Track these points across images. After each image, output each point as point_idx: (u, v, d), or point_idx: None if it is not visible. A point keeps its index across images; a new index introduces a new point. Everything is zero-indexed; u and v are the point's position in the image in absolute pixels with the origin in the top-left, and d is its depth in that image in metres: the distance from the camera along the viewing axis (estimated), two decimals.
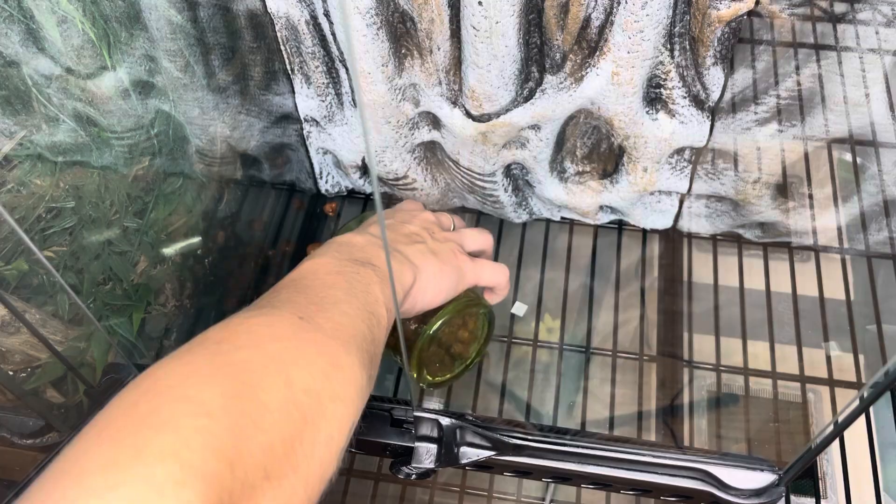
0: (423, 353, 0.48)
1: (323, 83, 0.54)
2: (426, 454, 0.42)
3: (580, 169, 0.58)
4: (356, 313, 0.34)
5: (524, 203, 0.63)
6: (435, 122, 0.55)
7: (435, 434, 0.43)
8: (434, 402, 0.58)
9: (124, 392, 0.26)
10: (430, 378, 0.51)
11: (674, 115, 0.51)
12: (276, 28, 0.50)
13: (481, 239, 0.51)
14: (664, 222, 0.62)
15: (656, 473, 0.42)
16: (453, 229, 0.50)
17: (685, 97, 0.49)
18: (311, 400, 0.29)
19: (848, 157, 0.59)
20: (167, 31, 0.44)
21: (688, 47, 0.47)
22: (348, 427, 0.31)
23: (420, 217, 0.48)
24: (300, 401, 0.28)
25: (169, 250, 0.47)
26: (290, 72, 0.54)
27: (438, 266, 0.44)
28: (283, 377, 0.28)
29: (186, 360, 0.27)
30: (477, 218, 0.66)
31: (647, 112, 0.51)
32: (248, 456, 0.25)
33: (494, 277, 0.49)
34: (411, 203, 0.53)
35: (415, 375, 0.50)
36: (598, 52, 0.48)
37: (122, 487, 0.22)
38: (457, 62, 0.49)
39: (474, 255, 0.50)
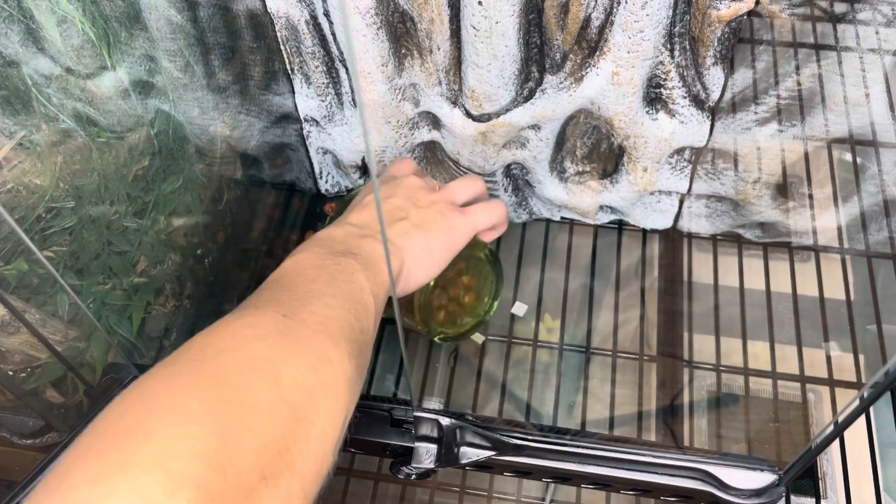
0: (425, 310, 0.48)
1: (323, 83, 0.54)
2: (426, 454, 0.42)
3: (580, 169, 0.58)
4: (341, 304, 0.34)
5: (524, 203, 0.63)
6: (435, 122, 0.55)
7: (435, 434, 0.43)
8: (434, 402, 0.58)
9: (110, 406, 0.26)
10: (448, 331, 0.51)
11: (674, 115, 0.51)
12: (276, 28, 0.50)
13: (470, 187, 0.49)
14: (664, 222, 0.62)
15: (656, 473, 0.42)
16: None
17: (685, 97, 0.49)
18: (301, 396, 0.28)
19: (848, 157, 0.59)
20: (167, 31, 0.44)
21: (688, 47, 0.47)
22: (341, 420, 0.30)
23: (403, 185, 0.46)
24: (290, 398, 0.28)
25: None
26: (290, 72, 0.54)
27: (424, 238, 0.43)
28: (271, 376, 0.28)
29: (171, 371, 0.27)
30: None
31: (647, 112, 0.51)
32: (241, 459, 0.25)
33: (491, 218, 0.47)
34: (403, 164, 0.50)
35: (430, 333, 0.50)
36: (598, 52, 0.48)
37: (109, 500, 0.22)
38: (457, 62, 0.49)
39: (469, 203, 0.48)
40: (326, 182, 0.66)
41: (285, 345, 0.30)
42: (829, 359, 0.56)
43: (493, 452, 0.43)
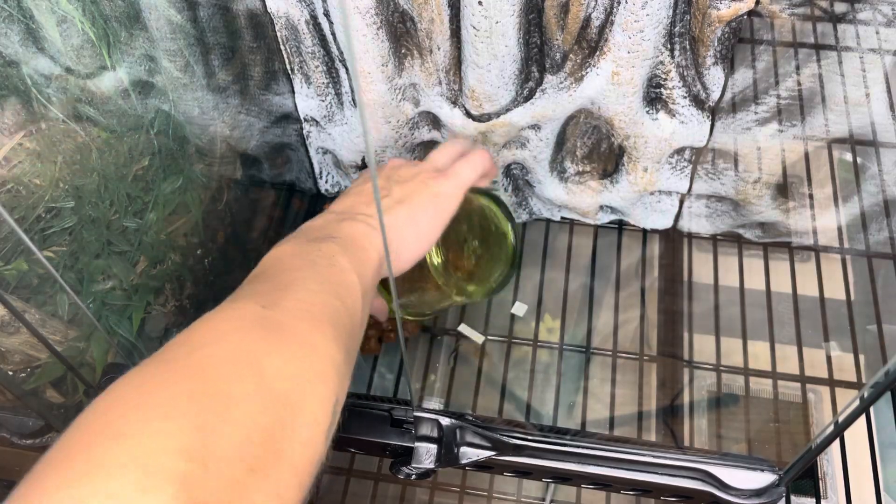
0: (446, 274, 0.46)
1: (323, 83, 0.54)
2: (426, 454, 0.42)
3: (580, 169, 0.58)
4: (323, 289, 0.33)
5: (524, 203, 0.63)
6: (435, 122, 0.55)
7: (435, 434, 0.43)
8: (434, 402, 0.58)
9: (82, 413, 0.25)
10: (479, 286, 0.48)
11: (674, 115, 0.51)
12: (276, 28, 0.50)
13: (450, 149, 0.46)
14: (664, 222, 0.62)
15: (656, 473, 0.42)
16: None
17: (685, 97, 0.49)
18: (286, 384, 0.28)
19: (848, 156, 0.59)
20: (167, 31, 0.44)
21: (688, 47, 0.47)
22: (331, 406, 0.30)
23: (385, 168, 0.45)
24: (274, 387, 0.27)
25: None
26: (290, 72, 0.54)
27: (408, 212, 0.41)
28: (252, 366, 0.27)
29: (144, 371, 0.27)
30: None
31: (647, 112, 0.51)
32: (224, 451, 0.24)
33: (476, 169, 0.45)
34: (395, 161, 0.49)
35: (463, 294, 0.47)
36: (598, 52, 0.48)
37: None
38: (457, 62, 0.49)
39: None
40: (326, 182, 0.66)
41: (265, 336, 0.29)
42: (829, 359, 0.56)
43: (493, 452, 0.43)
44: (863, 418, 0.43)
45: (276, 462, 0.26)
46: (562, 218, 0.64)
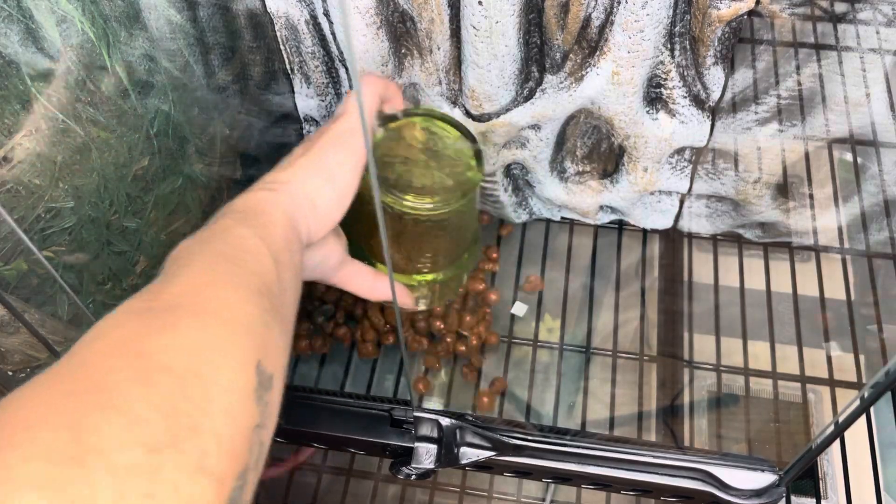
0: (431, 201, 0.43)
1: (323, 83, 0.54)
2: (426, 454, 0.42)
3: (580, 169, 0.58)
4: (215, 261, 0.32)
5: (524, 203, 0.63)
6: None
7: (435, 434, 0.43)
8: (434, 403, 0.58)
9: None
10: (460, 187, 0.44)
11: (674, 115, 0.51)
12: (276, 28, 0.50)
13: (346, 100, 0.45)
14: (664, 222, 0.62)
15: (656, 474, 0.42)
16: None
17: (685, 97, 0.49)
18: (182, 359, 0.26)
19: (848, 156, 0.59)
20: (167, 30, 0.44)
21: (688, 47, 0.47)
22: (251, 367, 0.28)
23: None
24: (166, 364, 0.26)
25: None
26: (289, 71, 0.54)
27: (309, 161, 0.39)
28: (133, 352, 0.26)
29: (22, 388, 0.25)
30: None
31: (647, 112, 0.51)
32: (108, 441, 0.23)
33: (369, 95, 0.42)
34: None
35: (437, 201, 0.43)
36: (598, 52, 0.48)
37: None
38: (457, 62, 0.49)
39: None
40: None
41: (148, 322, 0.28)
42: (829, 359, 0.56)
43: (493, 452, 0.43)
44: (863, 418, 0.43)
45: (192, 435, 0.25)
46: (562, 218, 0.64)
